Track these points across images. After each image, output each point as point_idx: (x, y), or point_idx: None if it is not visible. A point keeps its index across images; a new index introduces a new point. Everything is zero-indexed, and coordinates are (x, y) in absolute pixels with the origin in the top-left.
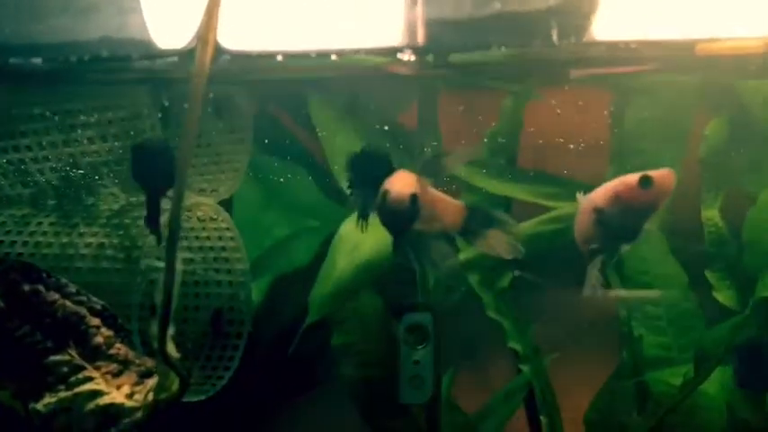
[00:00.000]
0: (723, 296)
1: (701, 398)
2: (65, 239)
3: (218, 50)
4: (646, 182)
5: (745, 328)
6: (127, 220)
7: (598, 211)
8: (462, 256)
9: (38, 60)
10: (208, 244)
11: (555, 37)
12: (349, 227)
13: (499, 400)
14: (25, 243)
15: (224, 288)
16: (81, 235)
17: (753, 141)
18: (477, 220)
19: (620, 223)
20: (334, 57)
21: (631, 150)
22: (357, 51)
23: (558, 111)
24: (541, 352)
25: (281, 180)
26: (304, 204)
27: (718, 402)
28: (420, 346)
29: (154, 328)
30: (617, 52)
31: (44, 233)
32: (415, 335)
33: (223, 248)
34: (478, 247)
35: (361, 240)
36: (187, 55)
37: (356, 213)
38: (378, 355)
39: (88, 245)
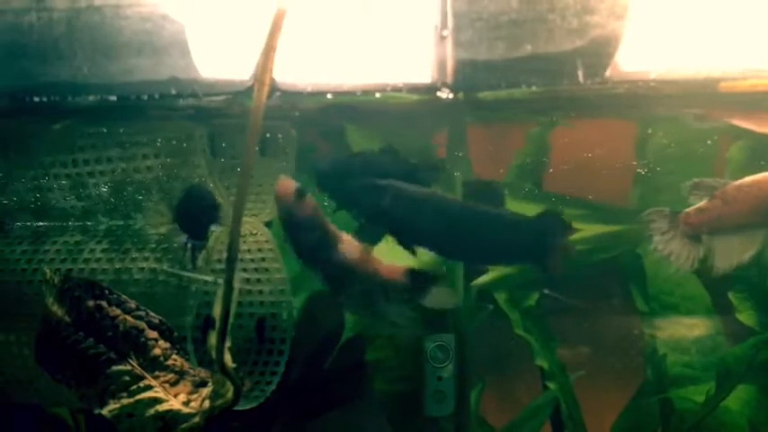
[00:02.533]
0: (745, 317)
1: (725, 415)
2: (118, 265)
3: (273, 88)
4: None
5: (766, 346)
6: (175, 244)
7: None
8: (490, 276)
9: (113, 98)
10: (248, 256)
11: (581, 77)
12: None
13: (526, 416)
14: (81, 270)
15: (265, 297)
16: (133, 260)
17: None
18: (418, 279)
19: None
20: (378, 95)
21: (655, 174)
22: (398, 89)
23: (583, 138)
24: (567, 369)
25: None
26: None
27: (740, 419)
28: (443, 364)
29: (212, 340)
30: (639, 90)
31: (98, 260)
32: (439, 353)
33: (263, 259)
34: (425, 303)
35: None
36: (244, 93)
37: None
38: (407, 371)
39: (141, 270)
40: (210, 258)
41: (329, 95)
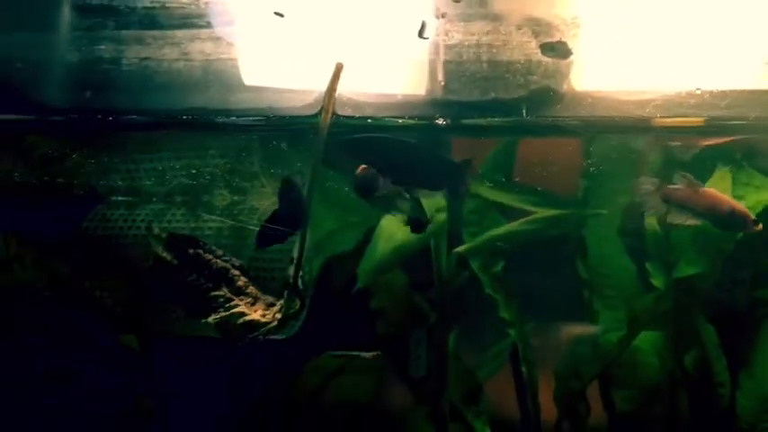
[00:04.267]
0: (657, 281)
1: (638, 354)
2: (193, 225)
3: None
4: None
5: (665, 299)
6: (235, 212)
7: None
8: (466, 246)
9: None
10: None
11: (524, 114)
12: (388, 220)
13: (491, 357)
14: (165, 228)
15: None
16: (205, 221)
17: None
18: None
19: None
20: (400, 120)
21: (598, 171)
22: (412, 117)
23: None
24: (524, 320)
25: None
26: (347, 204)
27: (651, 357)
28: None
29: (290, 271)
30: (589, 124)
31: (177, 221)
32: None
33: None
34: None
35: (396, 231)
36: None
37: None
38: (401, 317)
39: (210, 228)
40: None
41: (369, 120)
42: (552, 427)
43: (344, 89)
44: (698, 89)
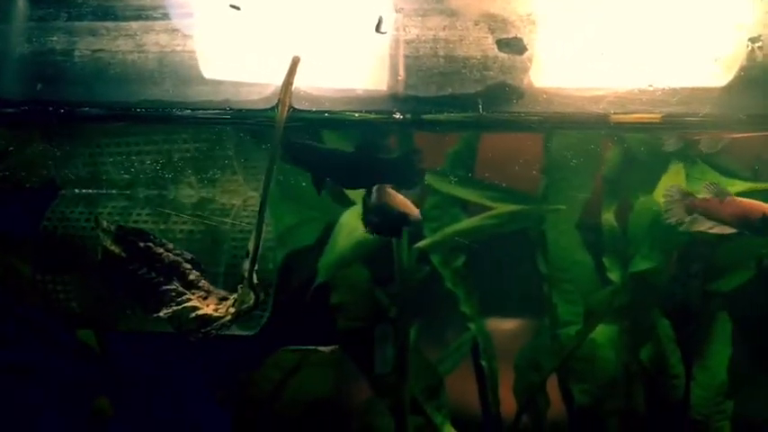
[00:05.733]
0: (614, 275)
1: (594, 347)
2: (162, 227)
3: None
4: None
5: (620, 293)
6: (206, 212)
7: None
8: (427, 241)
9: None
10: (247, 220)
11: (480, 109)
12: (349, 215)
13: (452, 350)
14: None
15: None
16: (175, 223)
17: (635, 168)
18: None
19: None
20: (356, 115)
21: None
22: (370, 112)
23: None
24: (484, 314)
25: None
26: (307, 200)
27: (607, 351)
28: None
29: (245, 265)
30: (547, 120)
31: (145, 221)
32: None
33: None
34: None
35: (357, 226)
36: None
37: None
38: (362, 311)
39: (182, 231)
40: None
41: (326, 114)
42: (512, 420)
43: (303, 83)
44: (650, 86)
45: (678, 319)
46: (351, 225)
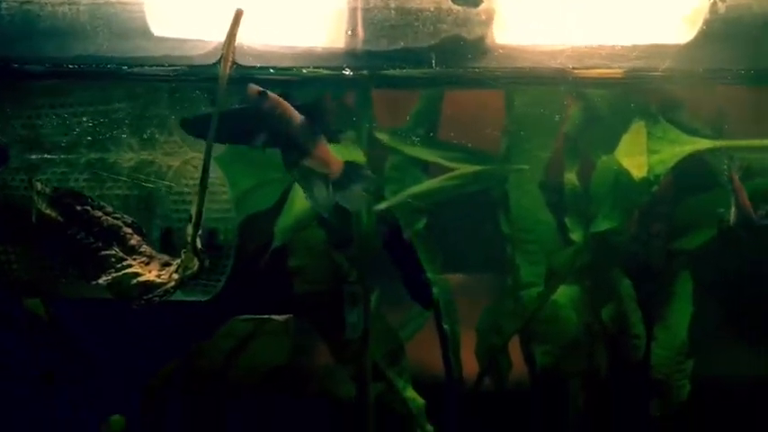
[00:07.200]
0: (576, 236)
1: (556, 307)
2: (98, 192)
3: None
4: None
5: (582, 253)
6: (142, 176)
7: None
8: (388, 203)
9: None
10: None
11: (433, 64)
12: None
13: (414, 314)
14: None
15: (213, 214)
16: (110, 188)
17: (597, 126)
18: (350, 176)
19: None
20: (305, 71)
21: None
22: (319, 68)
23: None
24: (446, 277)
25: None
26: (267, 160)
27: (568, 311)
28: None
29: (188, 229)
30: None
31: (82, 188)
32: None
33: (213, 184)
34: (338, 198)
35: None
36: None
37: None
38: (321, 275)
39: (117, 196)
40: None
41: (272, 70)
42: (474, 383)
43: (251, 39)
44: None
45: (639, 278)
46: None
